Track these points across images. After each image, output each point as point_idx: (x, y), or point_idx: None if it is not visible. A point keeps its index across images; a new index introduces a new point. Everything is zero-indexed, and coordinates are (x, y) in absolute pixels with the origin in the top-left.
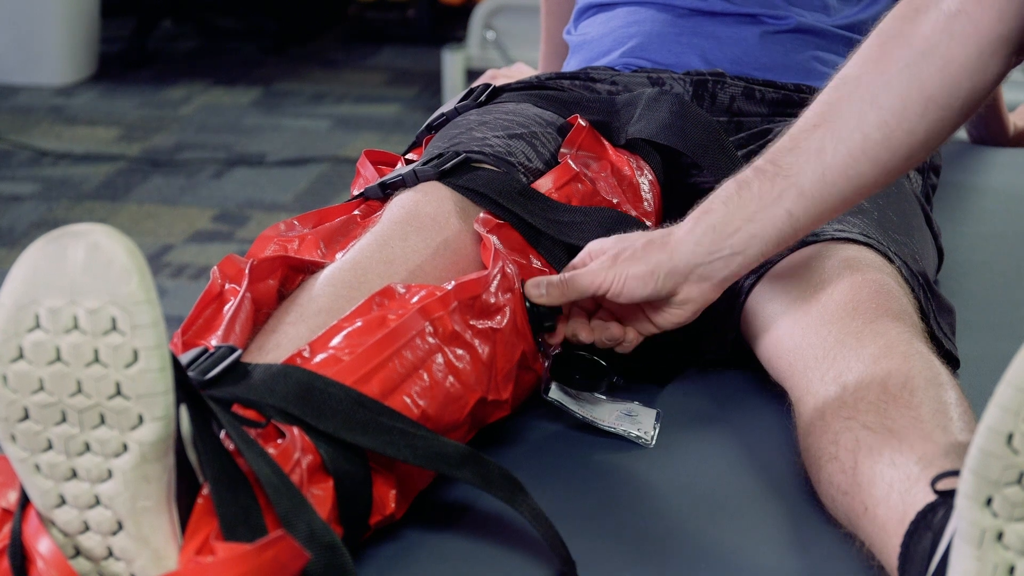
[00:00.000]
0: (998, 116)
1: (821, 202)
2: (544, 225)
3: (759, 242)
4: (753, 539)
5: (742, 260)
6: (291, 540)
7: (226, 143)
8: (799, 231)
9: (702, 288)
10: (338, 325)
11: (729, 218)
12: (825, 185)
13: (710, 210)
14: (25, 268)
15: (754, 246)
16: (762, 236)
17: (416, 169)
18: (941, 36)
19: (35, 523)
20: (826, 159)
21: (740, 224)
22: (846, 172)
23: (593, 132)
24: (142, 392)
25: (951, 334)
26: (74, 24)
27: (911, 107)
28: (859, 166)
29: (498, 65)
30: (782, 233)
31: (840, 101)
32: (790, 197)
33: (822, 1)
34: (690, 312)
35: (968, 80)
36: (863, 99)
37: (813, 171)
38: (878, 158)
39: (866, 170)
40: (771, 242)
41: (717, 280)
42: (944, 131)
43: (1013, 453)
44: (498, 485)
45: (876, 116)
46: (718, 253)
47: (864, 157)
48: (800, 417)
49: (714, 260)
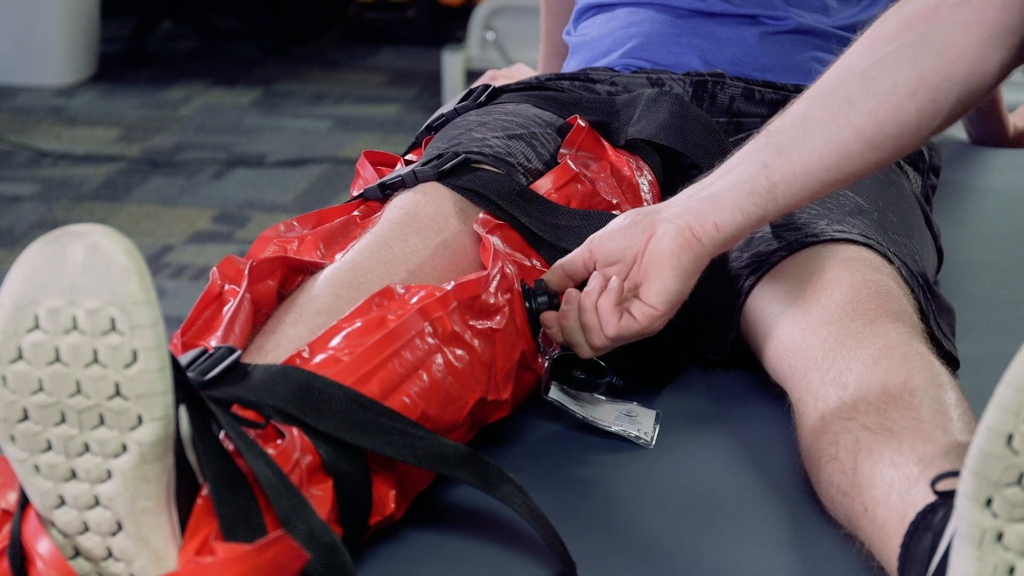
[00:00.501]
0: (998, 117)
1: (800, 163)
2: (542, 229)
3: (731, 188)
4: (753, 539)
5: (713, 202)
6: (291, 540)
7: (226, 144)
8: (775, 189)
9: (677, 226)
10: (337, 326)
11: (710, 176)
12: (805, 146)
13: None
14: (24, 268)
15: (725, 190)
16: (734, 182)
17: (416, 170)
18: (942, 22)
19: (35, 524)
20: (809, 123)
21: (717, 176)
22: (827, 137)
23: (593, 132)
24: (141, 392)
25: (951, 335)
26: (74, 24)
27: (902, 83)
28: (842, 134)
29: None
30: (755, 183)
31: (832, 75)
32: (768, 151)
33: (821, 2)
34: (672, 267)
35: (965, 67)
36: (854, 73)
37: (795, 132)
38: (863, 129)
39: (849, 138)
40: (743, 190)
41: (690, 218)
42: (936, 118)
43: (1013, 454)
44: (497, 486)
45: (864, 87)
46: (694, 196)
47: (848, 125)
48: (800, 418)
49: (689, 201)
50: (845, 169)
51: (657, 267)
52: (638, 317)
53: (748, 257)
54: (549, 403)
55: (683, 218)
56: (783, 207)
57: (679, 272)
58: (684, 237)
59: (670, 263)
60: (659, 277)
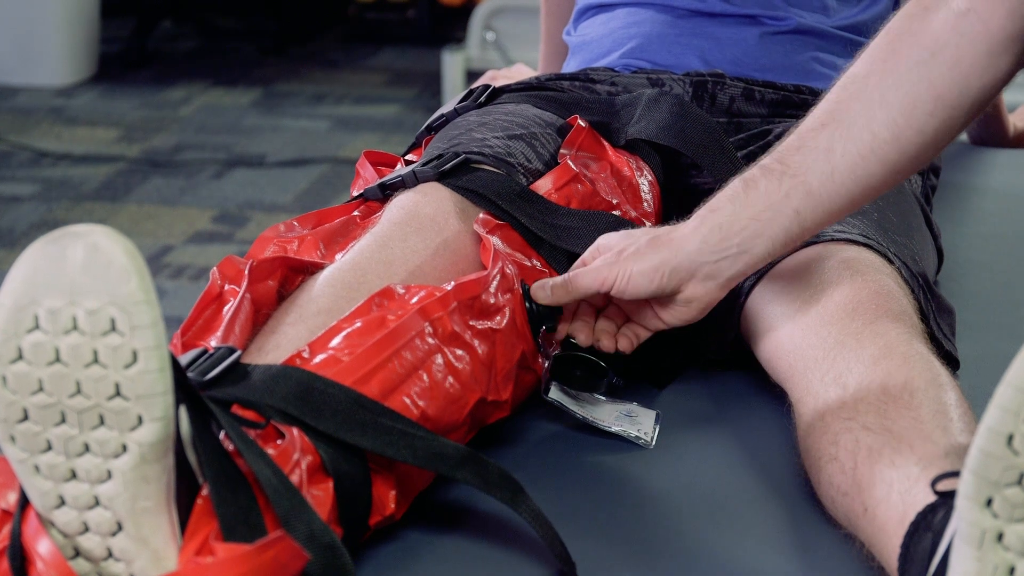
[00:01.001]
0: (998, 117)
1: (828, 202)
2: (542, 229)
3: (766, 241)
4: (753, 540)
5: (748, 259)
6: (290, 541)
7: (226, 144)
8: (806, 231)
9: (707, 287)
10: (337, 326)
11: (735, 216)
12: (833, 185)
13: (716, 208)
14: (24, 269)
15: (760, 245)
16: (769, 235)
17: (416, 170)
18: (951, 35)
19: (35, 524)
20: (835, 159)
21: (746, 223)
22: (854, 172)
23: (593, 132)
24: (141, 393)
25: (951, 335)
26: (74, 25)
27: (921, 106)
28: (868, 166)
29: (498, 66)
30: (789, 232)
31: (848, 100)
32: (797, 196)
33: (821, 2)
34: (696, 311)
35: (978, 79)
36: (872, 98)
37: (821, 170)
38: (887, 157)
39: (875, 170)
40: (778, 241)
41: (723, 279)
42: (953, 130)
43: (1013, 454)
44: (497, 486)
45: (885, 115)
46: (724, 252)
47: (873, 157)
48: (800, 418)
49: (720, 259)
50: (867, 195)
51: (687, 318)
52: (652, 330)
53: None
54: (549, 403)
55: (715, 279)
56: (805, 240)
57: (705, 313)
58: (715, 299)
59: (699, 316)
60: (685, 320)
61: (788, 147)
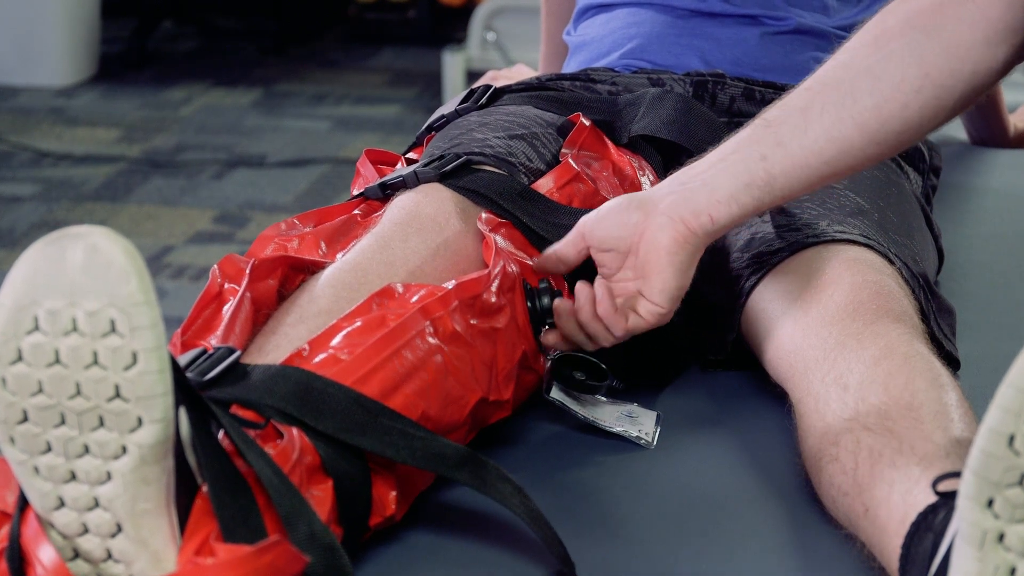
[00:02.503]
0: (998, 117)
1: (800, 156)
2: (544, 228)
3: (727, 179)
4: (753, 540)
5: (708, 193)
6: (287, 545)
7: (226, 144)
8: (774, 182)
9: (671, 219)
10: (337, 324)
11: (706, 158)
12: (807, 140)
13: (696, 158)
14: (24, 270)
15: (722, 182)
16: (731, 172)
17: (417, 170)
18: (948, 20)
19: (35, 527)
20: (811, 116)
21: (713, 162)
22: (828, 132)
23: (595, 131)
24: (141, 394)
25: (951, 335)
26: (74, 25)
27: (908, 80)
28: (844, 128)
29: (498, 66)
30: (753, 175)
31: (835, 68)
32: (767, 143)
33: (821, 2)
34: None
35: (971, 64)
36: (858, 68)
37: (795, 124)
38: (866, 125)
39: (851, 134)
40: (740, 181)
41: (686, 212)
42: (939, 114)
43: (1014, 455)
44: (496, 487)
45: (870, 84)
46: (688, 183)
47: (851, 121)
48: (800, 418)
49: (684, 190)
50: (844, 162)
51: (656, 265)
52: (645, 316)
53: (749, 258)
54: (550, 403)
55: (677, 211)
56: (779, 199)
57: (677, 268)
58: (679, 231)
59: (668, 260)
60: (659, 276)
61: (774, 105)
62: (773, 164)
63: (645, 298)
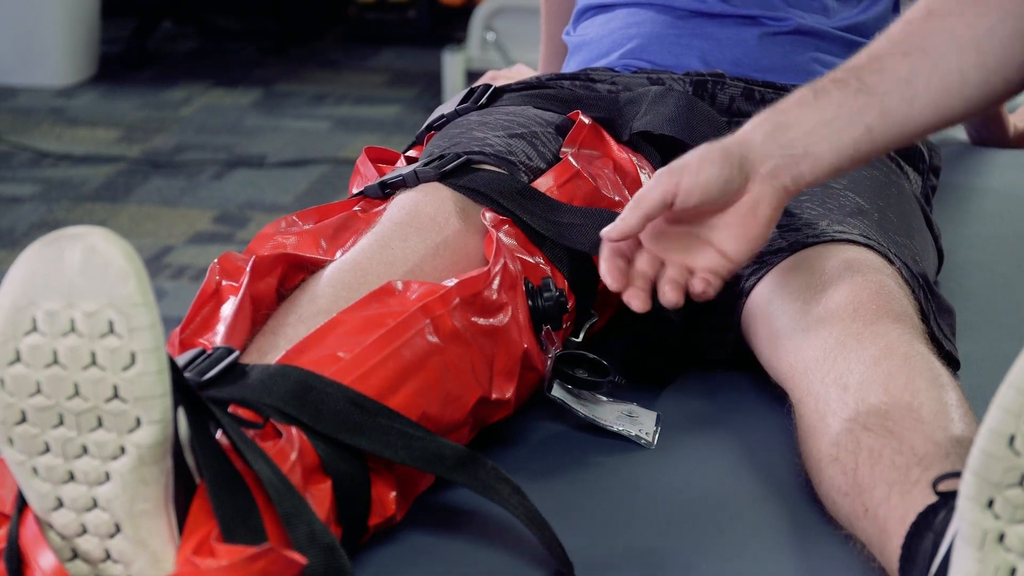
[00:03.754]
0: (998, 117)
1: (902, 126)
2: (544, 227)
3: (832, 150)
4: (753, 541)
5: (813, 163)
6: (279, 553)
7: (226, 144)
8: (876, 150)
9: (774, 187)
10: (336, 320)
11: (803, 118)
12: (912, 111)
13: (783, 110)
14: (22, 271)
15: (827, 153)
16: (836, 144)
17: (417, 170)
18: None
19: (34, 531)
20: (918, 87)
21: (814, 126)
22: (936, 104)
23: (595, 128)
24: (140, 395)
25: (951, 335)
26: (74, 25)
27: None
28: (951, 101)
29: (498, 66)
30: (858, 147)
31: (934, 34)
32: (872, 113)
33: (821, 3)
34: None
35: None
36: (963, 39)
37: (901, 96)
38: (971, 98)
39: (956, 105)
40: (845, 154)
41: (787, 180)
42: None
43: (1015, 455)
44: (495, 488)
45: (977, 59)
46: (790, 148)
47: (959, 96)
48: (801, 419)
49: (785, 156)
50: (940, 127)
51: (753, 232)
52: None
53: None
54: (550, 403)
55: (780, 179)
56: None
57: (768, 233)
58: (780, 200)
59: (765, 230)
60: (752, 241)
61: (862, 67)
62: (877, 136)
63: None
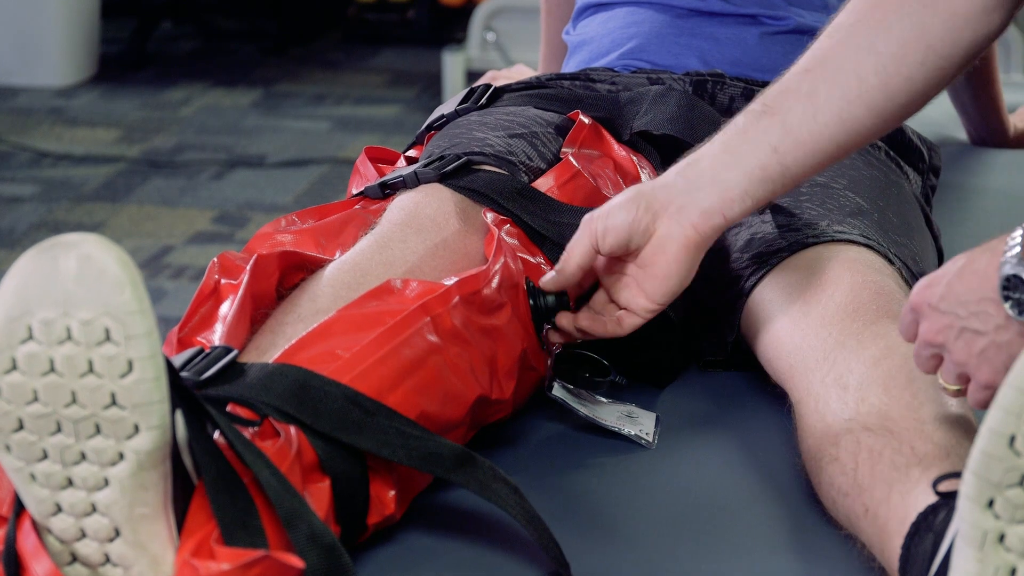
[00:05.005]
0: (998, 117)
1: (812, 143)
2: (544, 227)
3: (740, 174)
4: (753, 541)
5: (720, 191)
6: (273, 559)
7: (226, 144)
8: (787, 172)
9: (681, 226)
10: (334, 319)
11: (710, 151)
12: (816, 126)
13: (694, 150)
14: (16, 280)
15: (734, 177)
16: (743, 167)
17: (417, 171)
18: None
19: (32, 537)
20: (818, 101)
21: (719, 154)
22: (839, 115)
23: (595, 128)
24: (137, 402)
25: None
26: (74, 25)
27: (911, 54)
28: (854, 110)
29: (498, 66)
30: (766, 169)
31: (834, 47)
32: (776, 132)
33: (822, 1)
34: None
35: (971, 32)
36: (859, 45)
37: (803, 110)
38: (874, 103)
39: (861, 114)
40: (754, 177)
41: (695, 216)
42: (942, 82)
43: (1015, 455)
44: (492, 488)
45: (874, 61)
46: (697, 181)
47: (859, 101)
48: (800, 419)
49: (692, 191)
50: (854, 142)
51: (663, 269)
52: (642, 314)
53: (749, 258)
54: (550, 403)
55: (687, 216)
56: (789, 187)
57: (683, 272)
58: (689, 238)
59: (676, 269)
60: (665, 280)
61: (770, 90)
62: (785, 154)
63: (646, 297)
